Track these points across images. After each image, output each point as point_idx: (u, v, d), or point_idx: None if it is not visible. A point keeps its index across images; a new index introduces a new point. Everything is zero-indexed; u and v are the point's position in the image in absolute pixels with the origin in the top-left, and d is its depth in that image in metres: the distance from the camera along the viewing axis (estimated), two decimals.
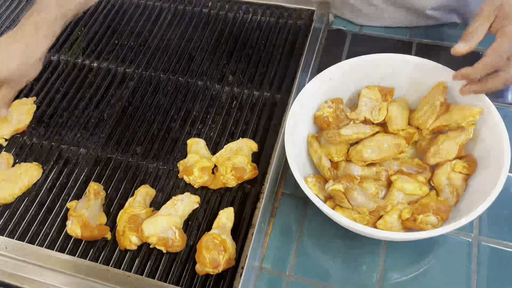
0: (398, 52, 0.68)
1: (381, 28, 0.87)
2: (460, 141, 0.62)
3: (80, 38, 0.92)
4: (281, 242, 0.65)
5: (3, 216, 0.69)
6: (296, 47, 0.85)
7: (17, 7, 0.99)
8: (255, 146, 0.72)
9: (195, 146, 0.72)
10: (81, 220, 0.64)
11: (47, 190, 0.71)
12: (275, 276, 0.62)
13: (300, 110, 0.65)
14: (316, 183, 0.63)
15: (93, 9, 0.96)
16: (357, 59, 0.68)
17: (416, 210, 0.58)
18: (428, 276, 0.61)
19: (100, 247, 0.65)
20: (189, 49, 0.87)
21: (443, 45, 0.83)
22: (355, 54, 0.68)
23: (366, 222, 0.60)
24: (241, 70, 0.83)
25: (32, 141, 0.77)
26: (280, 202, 0.69)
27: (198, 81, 0.82)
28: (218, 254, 0.59)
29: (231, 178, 0.67)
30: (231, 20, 0.91)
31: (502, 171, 0.55)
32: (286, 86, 0.79)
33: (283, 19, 0.90)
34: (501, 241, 0.62)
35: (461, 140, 0.62)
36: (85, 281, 0.60)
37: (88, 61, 0.87)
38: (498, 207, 0.63)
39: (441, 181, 0.62)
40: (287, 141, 0.61)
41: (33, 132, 0.78)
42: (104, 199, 0.69)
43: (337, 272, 0.62)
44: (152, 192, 0.69)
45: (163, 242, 0.61)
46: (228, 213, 0.65)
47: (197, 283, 0.61)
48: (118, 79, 0.84)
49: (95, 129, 0.78)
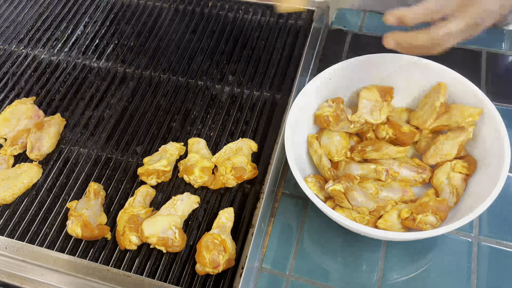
0: (398, 52, 0.68)
1: (381, 28, 0.87)
2: (460, 141, 0.62)
3: (80, 38, 0.92)
4: (281, 242, 0.65)
5: (3, 216, 0.69)
6: (296, 47, 0.85)
7: (17, 7, 1.00)
8: (255, 146, 0.72)
9: (196, 145, 0.72)
10: (81, 220, 0.64)
11: (47, 190, 0.71)
12: (275, 276, 0.62)
13: (300, 110, 0.65)
14: (316, 183, 0.63)
15: (93, 9, 0.97)
16: (357, 59, 0.68)
17: (415, 209, 0.58)
18: (428, 276, 0.61)
19: (100, 247, 0.65)
20: (189, 49, 0.87)
21: None
22: (355, 54, 0.68)
23: (366, 222, 0.60)
24: (241, 70, 0.83)
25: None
26: (280, 202, 0.69)
27: (198, 81, 0.82)
28: (218, 254, 0.59)
29: (231, 178, 0.67)
30: (231, 20, 0.91)
31: (502, 171, 0.55)
32: (286, 86, 0.79)
33: (283, 19, 0.90)
34: (501, 241, 0.62)
35: (461, 140, 0.62)
36: (85, 281, 0.60)
37: (88, 61, 0.88)
38: (498, 207, 0.63)
39: (441, 181, 0.62)
40: (287, 141, 0.61)
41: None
42: (104, 199, 0.69)
43: (337, 272, 0.62)
44: (152, 192, 0.69)
45: (163, 242, 0.61)
46: (228, 213, 0.65)
47: (197, 283, 0.61)
48: (118, 79, 0.84)
49: (95, 129, 0.78)
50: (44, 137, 0.74)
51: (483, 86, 0.77)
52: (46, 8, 0.98)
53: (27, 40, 0.92)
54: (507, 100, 0.75)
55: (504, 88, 0.77)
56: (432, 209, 0.57)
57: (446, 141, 0.63)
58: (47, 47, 0.91)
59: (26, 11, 0.98)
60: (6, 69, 0.88)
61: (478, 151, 0.63)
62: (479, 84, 0.77)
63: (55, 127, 0.76)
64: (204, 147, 0.72)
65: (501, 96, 0.76)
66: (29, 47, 0.91)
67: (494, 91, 0.76)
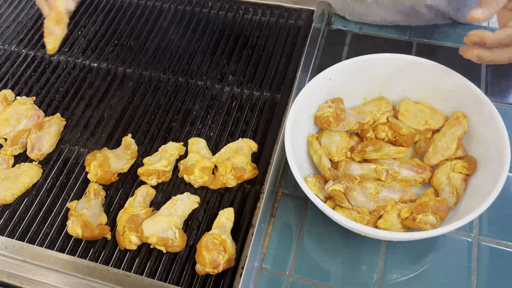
0: (398, 52, 0.68)
1: (381, 28, 0.87)
2: (457, 134, 0.63)
3: (80, 38, 0.92)
4: (281, 242, 0.65)
5: (3, 216, 0.69)
6: (296, 47, 0.85)
7: (17, 7, 1.00)
8: (255, 146, 0.72)
9: (196, 145, 0.72)
10: (81, 220, 0.64)
11: (47, 190, 0.71)
12: (275, 276, 0.62)
13: (300, 110, 0.65)
14: (316, 183, 0.63)
15: (93, 9, 0.97)
16: (357, 59, 0.68)
17: (415, 209, 0.58)
18: (428, 276, 0.61)
19: (100, 247, 0.65)
20: (189, 49, 0.87)
21: (443, 45, 0.83)
22: (355, 54, 0.68)
23: (366, 222, 0.60)
24: (241, 70, 0.83)
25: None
26: (280, 202, 0.69)
27: (198, 81, 0.82)
28: (218, 254, 0.59)
29: (231, 178, 0.67)
30: (231, 20, 0.91)
31: (502, 171, 0.55)
32: (286, 86, 0.79)
33: (283, 19, 0.90)
34: (501, 241, 0.62)
35: (458, 134, 0.63)
36: (85, 281, 0.60)
37: (88, 61, 0.88)
38: (498, 207, 0.63)
39: (441, 181, 0.62)
40: (287, 141, 0.61)
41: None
42: (104, 199, 0.69)
43: (337, 272, 0.62)
44: (152, 192, 0.69)
45: (163, 242, 0.61)
46: (228, 213, 0.65)
47: (197, 283, 0.61)
48: (118, 79, 0.84)
49: (95, 129, 0.78)
50: (44, 137, 0.74)
51: (483, 86, 0.77)
52: None
53: (27, 40, 0.92)
54: (507, 100, 0.75)
55: (504, 88, 0.77)
56: (432, 209, 0.57)
57: (443, 137, 0.64)
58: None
59: (26, 11, 0.98)
60: (6, 69, 0.88)
61: (478, 151, 0.63)
62: (479, 84, 0.77)
63: (55, 127, 0.76)
64: (204, 147, 0.72)
65: (501, 96, 0.76)
66: (29, 47, 0.91)
67: (494, 91, 0.76)
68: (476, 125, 0.63)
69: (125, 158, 0.71)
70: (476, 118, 0.63)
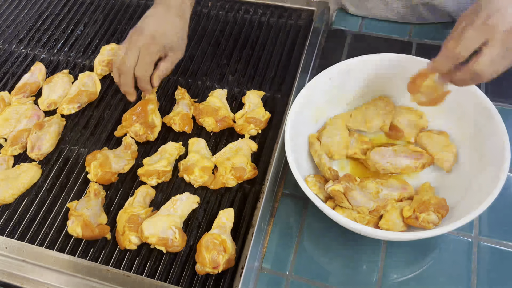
0: (398, 52, 0.68)
1: (381, 28, 0.87)
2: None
3: (80, 38, 0.92)
4: (281, 242, 0.65)
5: (3, 216, 0.69)
6: (296, 47, 0.85)
7: (17, 7, 0.99)
8: (255, 146, 0.72)
9: (196, 145, 0.72)
10: (82, 220, 0.64)
11: (47, 190, 0.71)
12: (275, 276, 0.62)
13: (300, 110, 0.65)
14: (316, 183, 0.63)
15: (93, 9, 0.97)
16: (357, 59, 0.68)
17: (417, 207, 0.58)
18: (428, 276, 0.61)
19: (100, 247, 0.64)
20: (189, 49, 0.87)
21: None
22: (355, 54, 0.68)
23: (366, 222, 0.60)
24: (241, 70, 0.83)
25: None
26: (280, 202, 0.69)
27: (198, 81, 0.82)
28: (218, 254, 0.59)
29: (231, 178, 0.67)
30: (231, 20, 0.91)
31: (502, 171, 0.55)
32: (286, 86, 0.79)
33: (283, 19, 0.90)
34: (501, 241, 0.62)
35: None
36: (84, 281, 0.60)
37: (88, 61, 0.87)
38: (498, 207, 0.63)
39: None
40: (287, 141, 0.61)
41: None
42: (104, 199, 0.69)
43: (337, 272, 0.62)
44: (152, 192, 0.69)
45: (163, 242, 0.61)
46: (228, 213, 0.65)
47: (197, 283, 0.61)
48: None
49: (95, 129, 0.78)
50: (44, 136, 0.74)
51: (483, 86, 0.77)
52: (46, 8, 0.98)
53: (27, 40, 0.92)
54: (507, 100, 0.75)
55: (504, 88, 0.77)
56: (434, 207, 0.57)
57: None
58: (47, 47, 0.91)
59: (26, 11, 0.98)
60: (6, 69, 0.88)
61: (478, 151, 0.63)
62: (479, 84, 0.77)
63: (55, 127, 0.76)
64: (204, 147, 0.72)
65: (501, 96, 0.76)
66: (29, 47, 0.91)
67: (494, 91, 0.75)
68: (476, 125, 0.63)
69: (125, 158, 0.71)
70: (476, 118, 0.63)
